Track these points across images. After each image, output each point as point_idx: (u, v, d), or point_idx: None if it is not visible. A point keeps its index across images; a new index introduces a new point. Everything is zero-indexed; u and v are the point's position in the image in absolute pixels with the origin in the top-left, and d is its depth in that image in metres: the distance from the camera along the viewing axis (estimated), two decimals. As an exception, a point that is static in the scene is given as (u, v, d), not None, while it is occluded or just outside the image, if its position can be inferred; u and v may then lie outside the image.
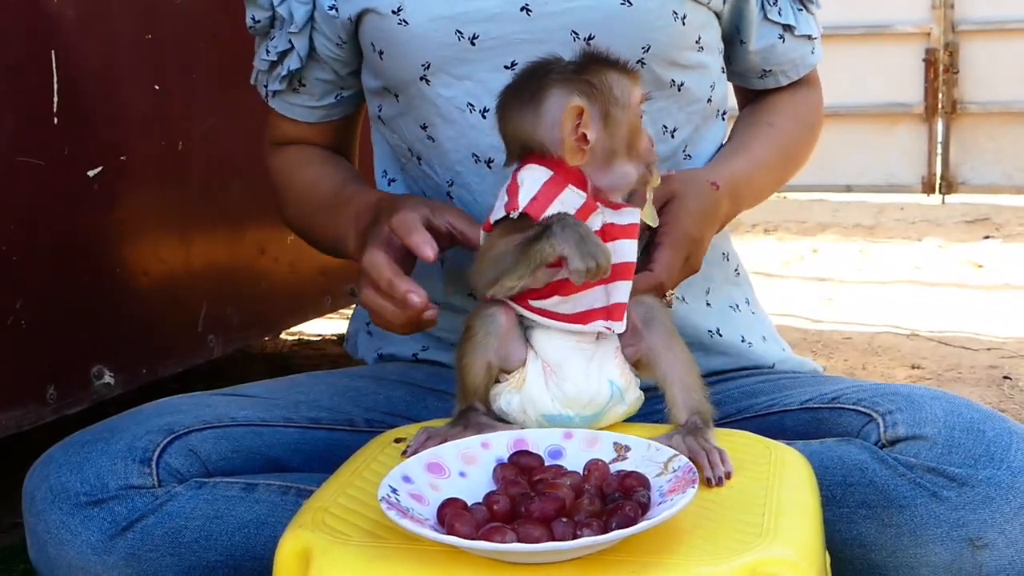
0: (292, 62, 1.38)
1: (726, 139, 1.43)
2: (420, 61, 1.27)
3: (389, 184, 1.41)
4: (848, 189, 5.95)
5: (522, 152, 1.07)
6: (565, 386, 1.09)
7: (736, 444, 1.10)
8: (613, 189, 1.07)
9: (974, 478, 1.12)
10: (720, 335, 1.40)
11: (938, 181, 5.82)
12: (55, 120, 1.56)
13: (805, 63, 1.45)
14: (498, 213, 1.06)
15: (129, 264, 1.72)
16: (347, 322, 3.46)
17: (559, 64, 1.08)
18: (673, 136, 1.34)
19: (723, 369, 1.40)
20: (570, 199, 1.04)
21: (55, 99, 1.56)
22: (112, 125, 1.67)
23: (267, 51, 1.40)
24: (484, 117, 1.27)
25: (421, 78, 1.28)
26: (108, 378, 1.66)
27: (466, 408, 1.12)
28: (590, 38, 1.23)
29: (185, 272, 1.86)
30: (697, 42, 1.32)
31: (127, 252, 1.71)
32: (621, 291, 1.08)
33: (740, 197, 1.33)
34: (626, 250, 1.08)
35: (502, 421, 1.11)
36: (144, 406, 1.30)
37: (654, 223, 1.15)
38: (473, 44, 1.25)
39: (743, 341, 1.42)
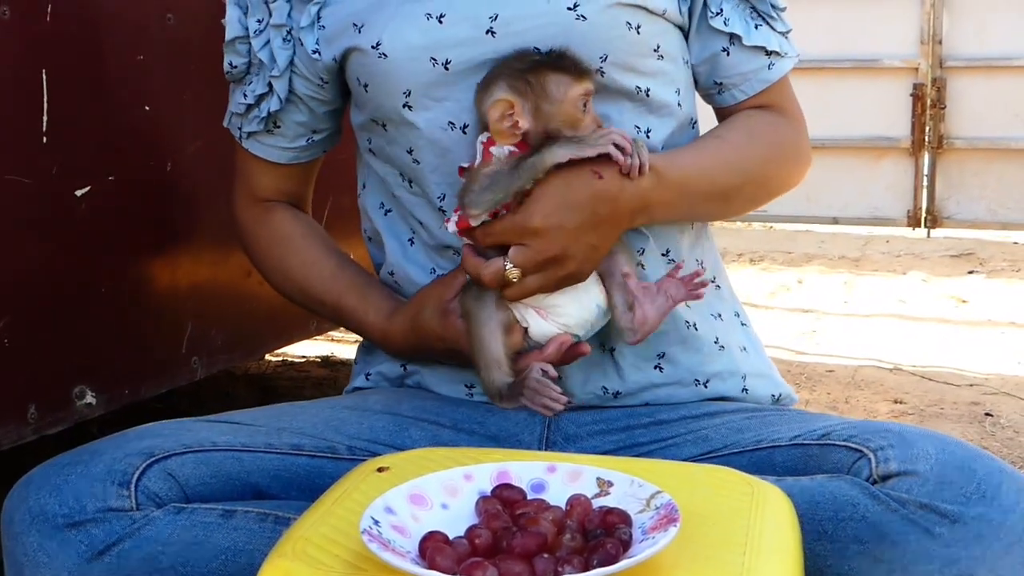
0: (272, 104, 1.46)
1: None
2: (402, 89, 1.35)
3: (386, 214, 1.48)
4: (834, 221, 5.98)
5: (483, 121, 1.30)
6: (566, 320, 1.29)
7: (718, 481, 1.10)
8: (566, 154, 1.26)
9: (966, 515, 1.12)
10: (696, 329, 1.42)
11: (923, 215, 5.86)
12: (44, 139, 1.55)
13: (759, 77, 1.45)
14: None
15: (114, 284, 1.71)
16: (331, 344, 3.46)
17: (517, 62, 1.29)
18: (648, 136, 1.38)
19: (691, 382, 1.42)
20: (499, 152, 1.27)
21: (44, 118, 1.55)
22: (101, 145, 1.66)
23: (244, 95, 1.48)
24: (464, 133, 1.35)
25: (404, 105, 1.36)
26: (90, 398, 1.65)
27: (498, 388, 1.30)
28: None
29: (170, 293, 1.85)
30: (656, 50, 1.38)
31: (112, 272, 1.71)
32: None
33: (654, 199, 1.31)
34: None
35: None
36: (127, 430, 1.29)
37: None
38: (447, 69, 1.33)
39: (716, 342, 1.44)
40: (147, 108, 1.76)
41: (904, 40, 5.77)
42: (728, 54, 1.44)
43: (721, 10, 1.42)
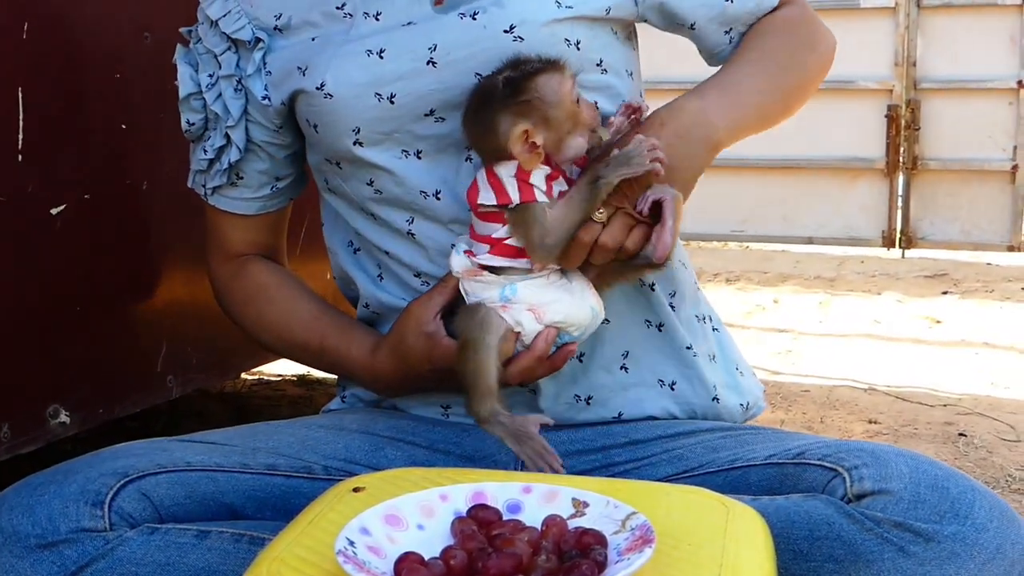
0: (231, 155, 1.47)
1: None
2: (351, 127, 1.37)
3: (355, 253, 1.49)
4: (809, 241, 6.00)
5: (495, 156, 1.27)
6: (558, 316, 1.28)
7: (693, 502, 1.10)
8: (573, 160, 1.28)
9: (940, 534, 1.13)
10: (660, 329, 1.43)
11: (898, 236, 5.88)
12: (19, 157, 1.55)
13: (762, 7, 1.47)
14: (489, 199, 1.27)
15: (88, 302, 1.70)
16: (308, 363, 3.42)
17: (498, 90, 1.25)
18: None
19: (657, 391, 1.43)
20: (539, 173, 1.26)
21: (20, 135, 1.55)
22: (77, 163, 1.66)
23: (204, 151, 1.49)
24: (419, 158, 1.37)
25: (355, 142, 1.37)
26: (64, 417, 1.64)
27: (488, 418, 1.27)
28: None
29: (145, 312, 1.85)
30: (599, 64, 1.40)
31: (86, 290, 1.70)
32: None
33: (703, 122, 1.34)
34: None
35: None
36: (101, 450, 1.29)
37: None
38: (392, 103, 1.35)
39: (689, 348, 1.45)
40: (124, 126, 1.75)
41: (878, 62, 5.80)
42: (732, 2, 1.45)
43: None
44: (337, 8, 1.40)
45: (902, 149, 5.79)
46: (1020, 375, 3.48)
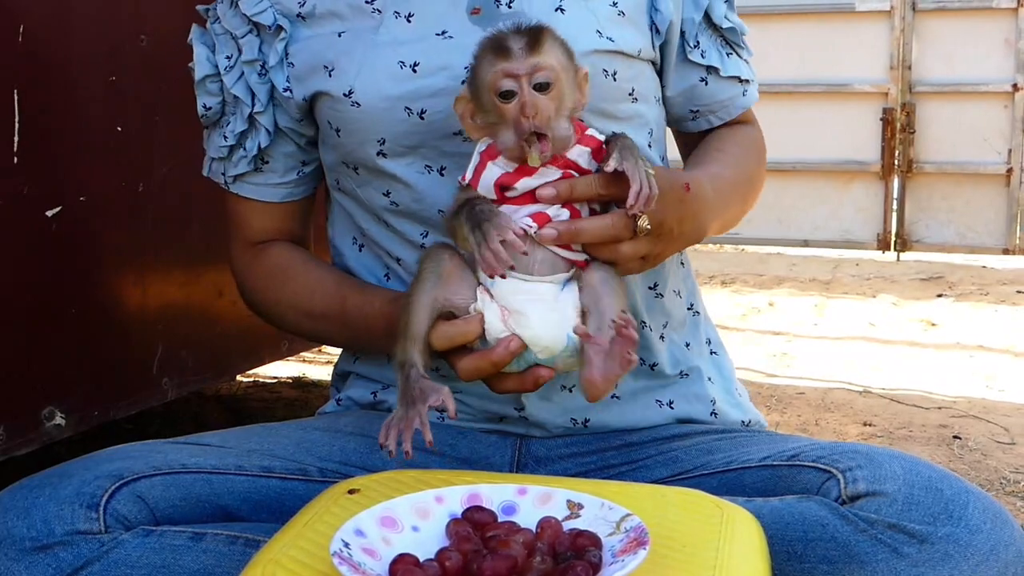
0: (261, 139, 1.43)
1: None
2: (376, 137, 1.35)
3: (360, 250, 1.46)
4: (805, 244, 6.01)
5: None
6: (523, 331, 1.18)
7: (688, 503, 1.10)
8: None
9: (933, 535, 1.14)
10: (653, 369, 1.43)
11: (893, 238, 5.89)
12: (15, 159, 1.55)
13: (736, 104, 1.50)
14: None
15: (84, 304, 1.70)
16: (303, 364, 3.44)
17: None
18: None
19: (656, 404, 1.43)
20: (496, 164, 1.20)
21: (15, 138, 1.55)
22: (72, 165, 1.66)
23: (224, 137, 1.44)
24: (442, 175, 1.34)
25: (378, 152, 1.35)
26: (59, 419, 1.64)
27: (404, 364, 1.20)
28: None
29: (141, 313, 1.85)
30: (631, 94, 1.39)
31: (83, 292, 1.70)
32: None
33: (706, 208, 1.34)
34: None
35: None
36: (96, 452, 1.29)
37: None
38: (422, 118, 1.32)
39: (681, 374, 1.45)
40: (119, 129, 1.75)
41: (874, 65, 5.81)
42: (706, 84, 1.47)
43: (698, 43, 1.45)
44: (366, 2, 1.36)
45: (897, 152, 5.80)
46: (1015, 378, 3.49)
